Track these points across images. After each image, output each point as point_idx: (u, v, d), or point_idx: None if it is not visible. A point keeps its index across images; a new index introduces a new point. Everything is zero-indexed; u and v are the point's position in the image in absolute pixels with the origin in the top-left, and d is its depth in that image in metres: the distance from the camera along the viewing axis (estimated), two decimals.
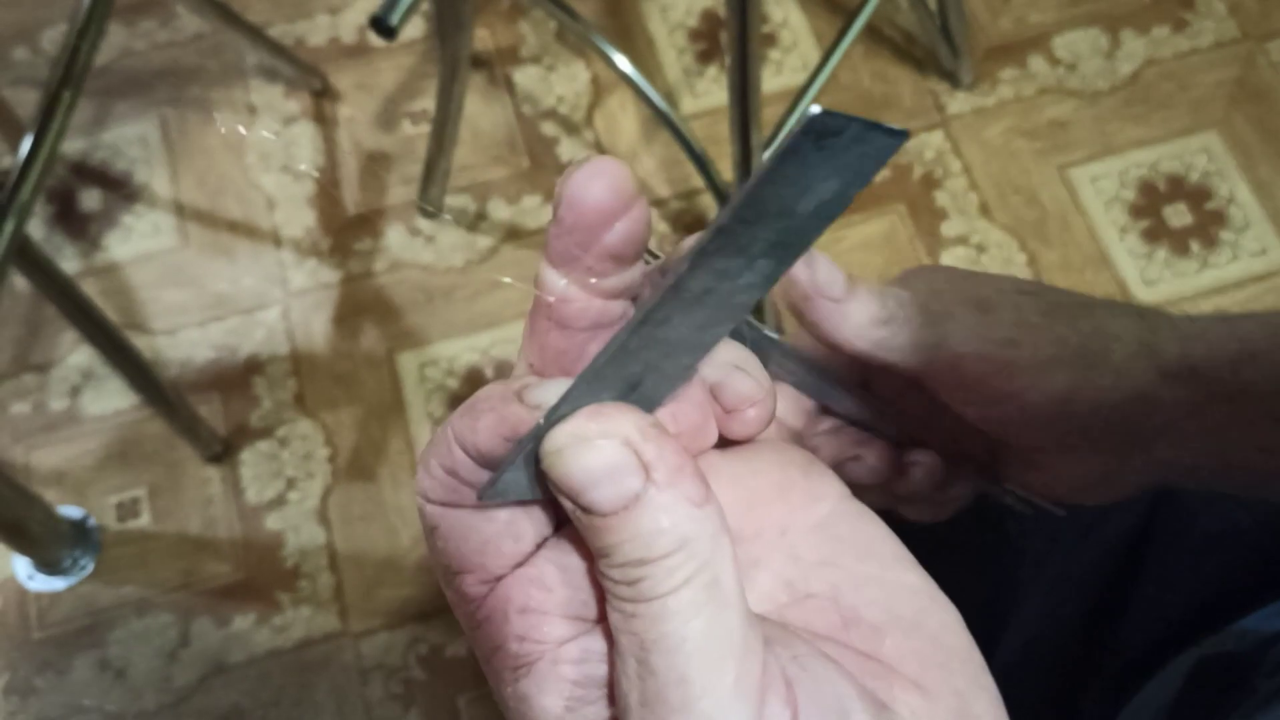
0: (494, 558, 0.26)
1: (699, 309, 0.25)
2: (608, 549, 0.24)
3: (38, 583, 1.16)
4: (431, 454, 0.26)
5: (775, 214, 0.22)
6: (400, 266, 1.31)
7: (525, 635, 0.26)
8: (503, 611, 0.26)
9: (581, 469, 0.24)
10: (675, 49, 1.45)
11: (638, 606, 0.24)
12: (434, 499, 0.26)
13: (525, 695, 0.26)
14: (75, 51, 1.00)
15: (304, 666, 1.14)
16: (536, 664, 0.26)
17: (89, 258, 1.32)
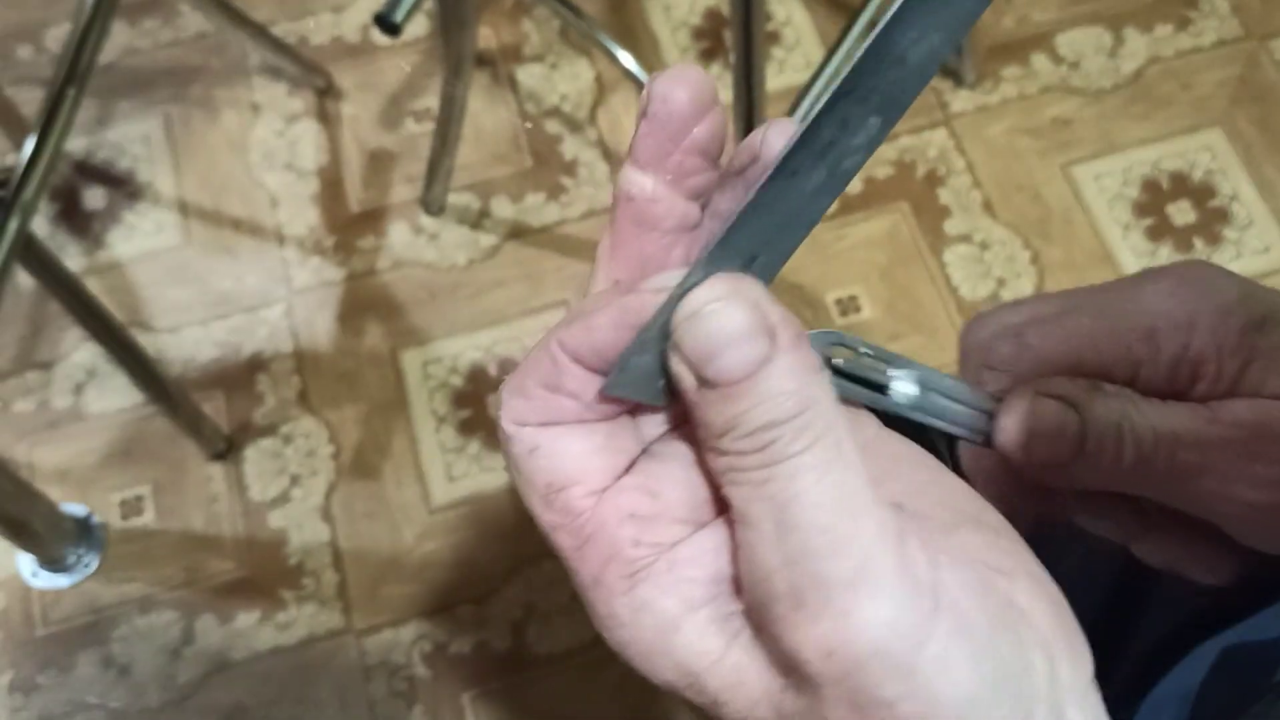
0: (598, 469, 0.27)
1: (819, 166, 0.26)
2: (735, 419, 0.25)
3: (41, 580, 1.16)
4: (527, 376, 0.27)
5: (891, 62, 0.25)
6: (403, 264, 1.31)
7: (639, 539, 0.26)
8: (614, 519, 0.26)
9: (717, 330, 0.25)
10: (679, 47, 1.45)
11: (771, 470, 0.25)
12: (532, 421, 0.27)
13: (644, 601, 0.26)
14: (79, 50, 1.01)
15: (307, 664, 1.14)
16: (653, 566, 0.26)
17: (92, 256, 1.32)
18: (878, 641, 0.24)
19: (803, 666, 0.25)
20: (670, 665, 0.26)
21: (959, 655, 0.25)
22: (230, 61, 1.43)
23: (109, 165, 1.37)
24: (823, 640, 0.24)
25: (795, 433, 0.25)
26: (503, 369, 1.26)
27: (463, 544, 1.18)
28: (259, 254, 1.32)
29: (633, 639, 0.26)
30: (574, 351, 0.27)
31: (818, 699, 0.25)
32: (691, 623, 0.26)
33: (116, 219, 1.34)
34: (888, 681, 0.24)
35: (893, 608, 0.24)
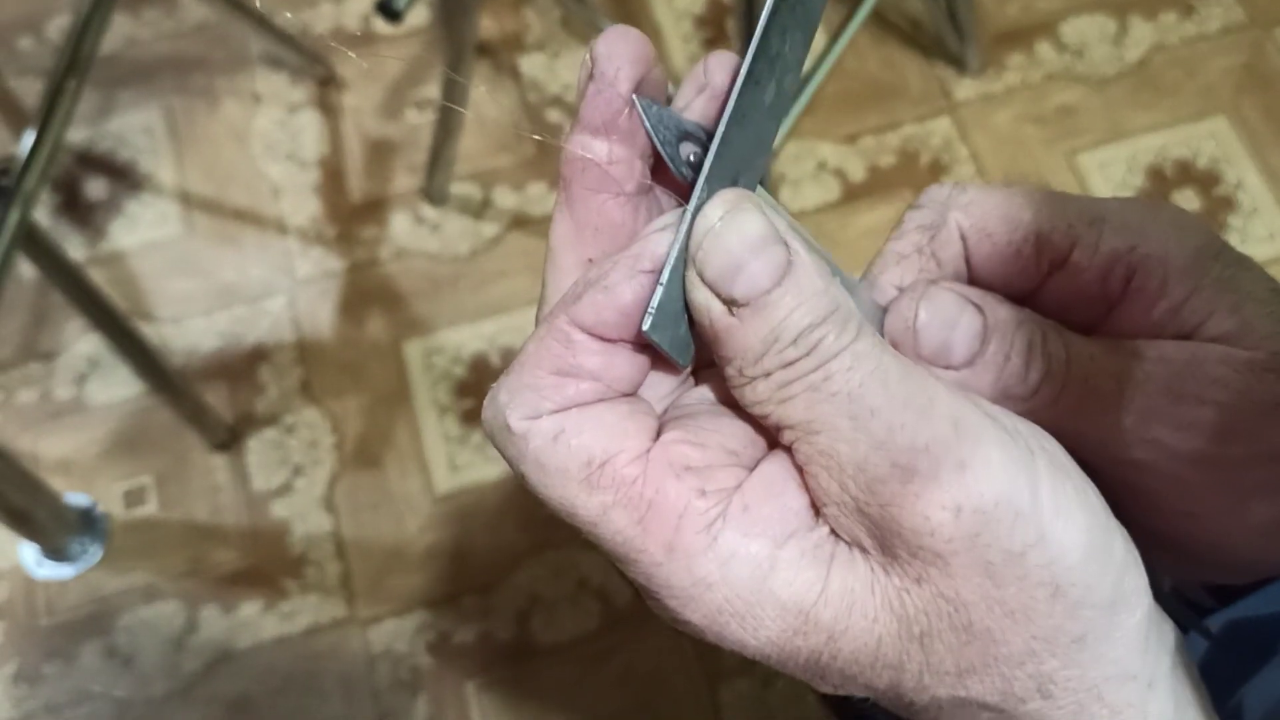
0: (634, 433, 0.26)
1: (771, 79, 0.27)
2: (776, 329, 0.25)
3: (45, 570, 1.17)
4: (534, 366, 0.26)
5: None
6: (406, 255, 1.31)
7: (704, 488, 0.25)
8: (672, 475, 0.25)
9: (739, 240, 0.25)
10: (681, 36, 1.44)
11: (828, 367, 0.25)
12: (549, 408, 0.26)
13: (731, 550, 0.25)
14: (80, 40, 1.00)
15: (311, 653, 1.14)
16: (728, 512, 0.25)
17: (95, 246, 1.32)
18: (1000, 486, 0.24)
19: (930, 539, 0.24)
20: (775, 611, 0.25)
21: (1068, 495, 0.25)
22: (232, 52, 1.43)
23: (111, 156, 1.37)
24: (948, 498, 0.24)
25: (840, 326, 0.25)
26: (505, 359, 1.26)
27: (466, 534, 1.18)
28: (261, 244, 1.32)
29: (728, 599, 0.25)
30: (590, 324, 0.26)
31: (947, 575, 0.24)
32: (785, 558, 0.25)
33: (119, 210, 1.34)
34: (1016, 529, 0.24)
35: (1000, 451, 0.24)
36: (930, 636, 0.25)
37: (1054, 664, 0.25)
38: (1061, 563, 0.25)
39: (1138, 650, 0.26)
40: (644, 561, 0.25)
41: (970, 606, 0.25)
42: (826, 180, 1.35)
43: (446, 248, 1.31)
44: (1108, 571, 0.25)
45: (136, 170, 1.36)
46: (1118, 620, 0.26)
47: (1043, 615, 0.25)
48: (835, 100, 1.39)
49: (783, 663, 0.26)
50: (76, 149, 1.37)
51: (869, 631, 0.25)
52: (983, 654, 0.25)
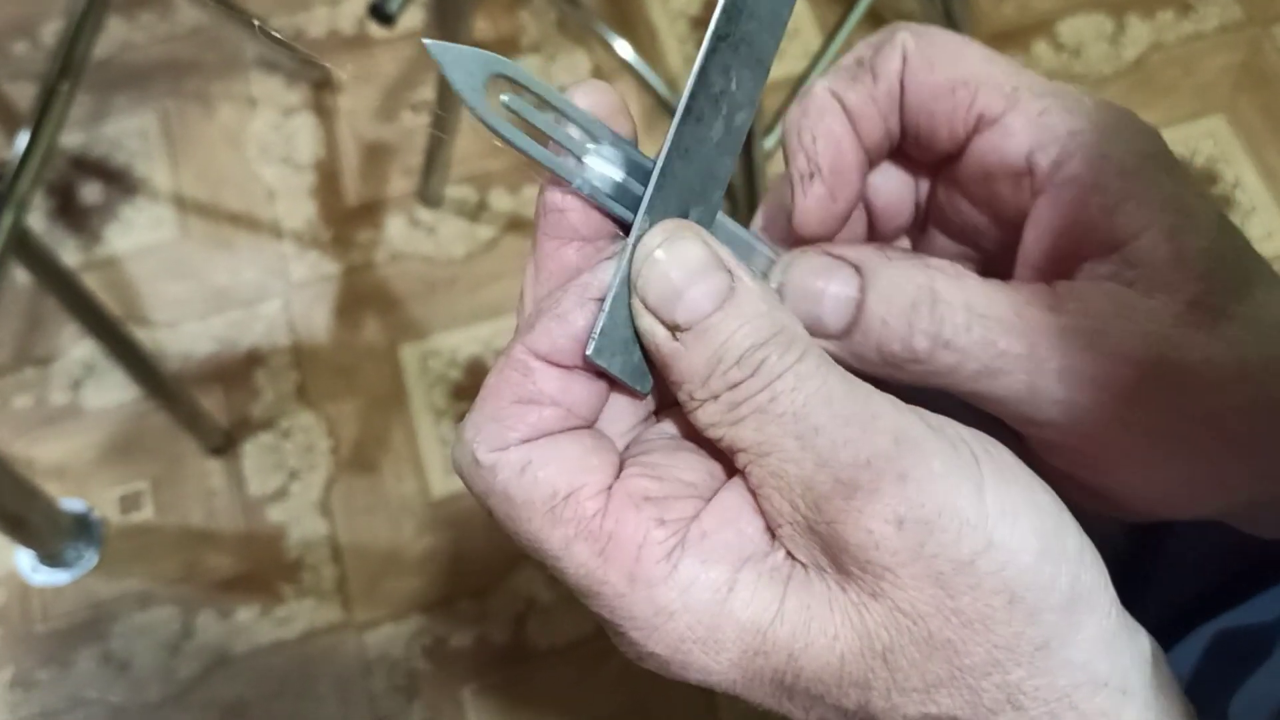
0: (598, 467, 0.26)
1: (717, 116, 0.28)
2: (718, 352, 0.25)
3: (41, 576, 1.16)
4: (495, 398, 0.27)
5: (746, 15, 0.28)
6: (401, 258, 1.31)
7: (663, 518, 0.26)
8: (632, 506, 0.26)
9: (677, 266, 0.26)
10: (677, 38, 1.44)
11: (773, 387, 0.25)
12: (515, 439, 0.26)
13: (690, 577, 0.25)
14: (73, 44, 1.00)
15: (307, 658, 1.13)
16: (686, 539, 0.26)
17: (89, 251, 1.32)
18: (942, 496, 0.24)
19: (875, 552, 0.24)
20: (734, 633, 0.25)
21: (1014, 499, 0.25)
22: (226, 55, 1.43)
23: (105, 160, 1.37)
24: (889, 511, 0.24)
25: (783, 347, 0.25)
26: None
27: (462, 538, 1.18)
28: (256, 248, 1.32)
29: (690, 625, 0.25)
30: (545, 351, 0.27)
31: (899, 589, 0.24)
32: (743, 580, 0.25)
33: (113, 214, 1.34)
34: (963, 538, 0.24)
35: (942, 462, 0.25)
36: (893, 652, 0.25)
37: (1020, 673, 0.25)
38: (1014, 567, 0.24)
39: (1105, 654, 0.26)
40: (607, 594, 0.26)
41: (927, 618, 0.24)
42: None
43: (442, 250, 1.31)
44: (1062, 571, 0.25)
45: (131, 174, 1.36)
46: (1079, 621, 0.25)
47: (1001, 623, 0.25)
48: None
49: (749, 687, 0.26)
50: (71, 153, 1.37)
51: (830, 649, 0.25)
52: (947, 666, 0.25)
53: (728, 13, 0.28)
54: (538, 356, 0.27)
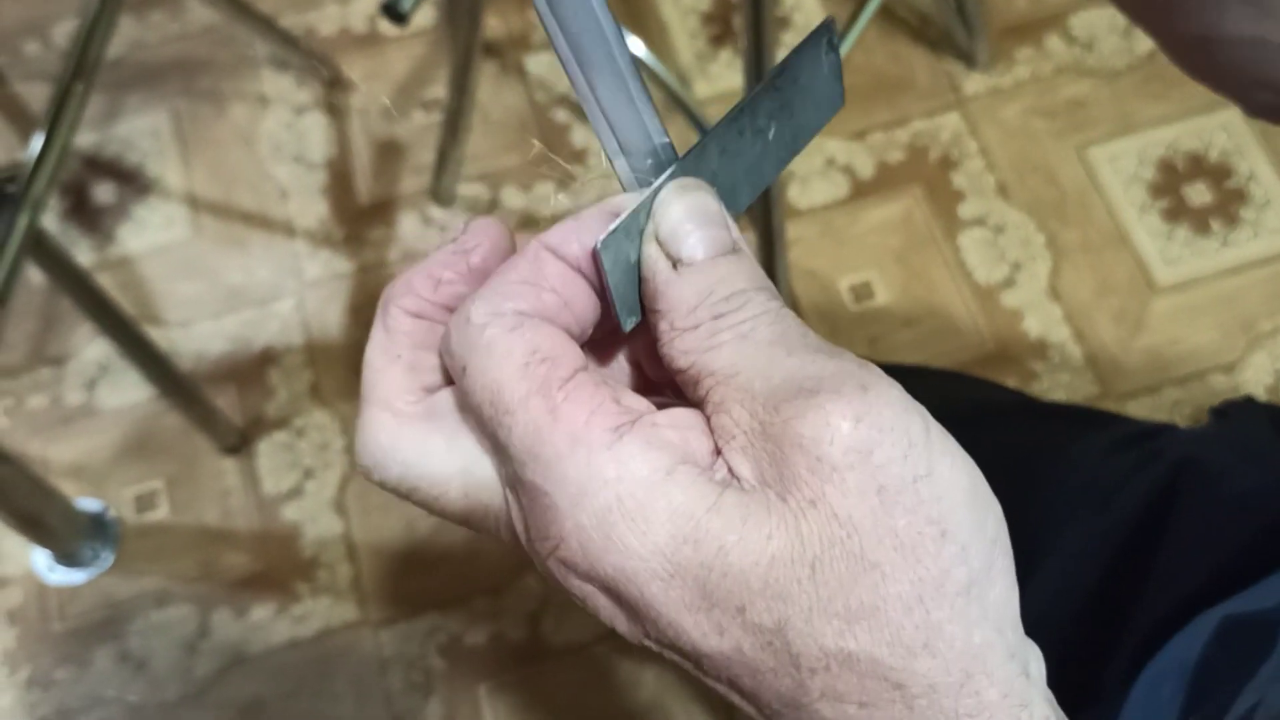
0: (577, 355, 0.28)
1: (755, 144, 0.31)
2: (711, 286, 0.28)
3: (58, 575, 1.17)
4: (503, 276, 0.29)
5: (799, 87, 0.32)
6: (414, 255, 1.31)
7: (620, 399, 0.27)
8: (592, 383, 0.27)
9: (696, 208, 0.29)
10: (688, 33, 1.44)
11: (754, 320, 0.27)
12: (512, 309, 0.28)
13: (631, 452, 0.26)
14: (86, 44, 1.00)
15: (323, 656, 1.14)
16: (636, 424, 0.27)
17: (103, 251, 1.32)
18: (897, 412, 0.25)
19: (828, 447, 0.25)
20: (666, 513, 0.25)
21: (951, 446, 0.26)
22: (238, 54, 1.43)
23: (118, 160, 1.37)
24: (847, 408, 0.25)
25: (768, 296, 0.28)
26: None
27: (477, 535, 1.18)
28: (269, 247, 1.32)
29: (620, 496, 0.25)
30: (557, 244, 0.29)
31: (841, 494, 0.25)
32: (683, 471, 0.26)
33: (126, 214, 1.34)
34: (910, 457, 0.25)
35: (899, 391, 0.26)
36: (822, 563, 0.25)
37: (940, 615, 0.25)
38: (948, 501, 0.25)
39: (1013, 627, 0.26)
40: (545, 454, 0.26)
41: (863, 533, 0.25)
42: (835, 177, 1.34)
43: None
44: (989, 520, 0.26)
45: (144, 174, 1.36)
46: (995, 581, 0.26)
47: (930, 555, 0.25)
48: None
49: (668, 585, 0.25)
50: (84, 153, 1.37)
51: (762, 548, 0.25)
52: (873, 592, 0.25)
53: (784, 74, 0.31)
54: (548, 248, 0.29)
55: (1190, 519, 0.55)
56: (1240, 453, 0.58)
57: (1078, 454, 0.62)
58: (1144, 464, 0.59)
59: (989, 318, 1.27)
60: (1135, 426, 0.65)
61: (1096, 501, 0.58)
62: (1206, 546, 0.54)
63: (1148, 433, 0.63)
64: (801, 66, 0.32)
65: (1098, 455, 0.61)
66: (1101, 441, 0.62)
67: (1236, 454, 0.58)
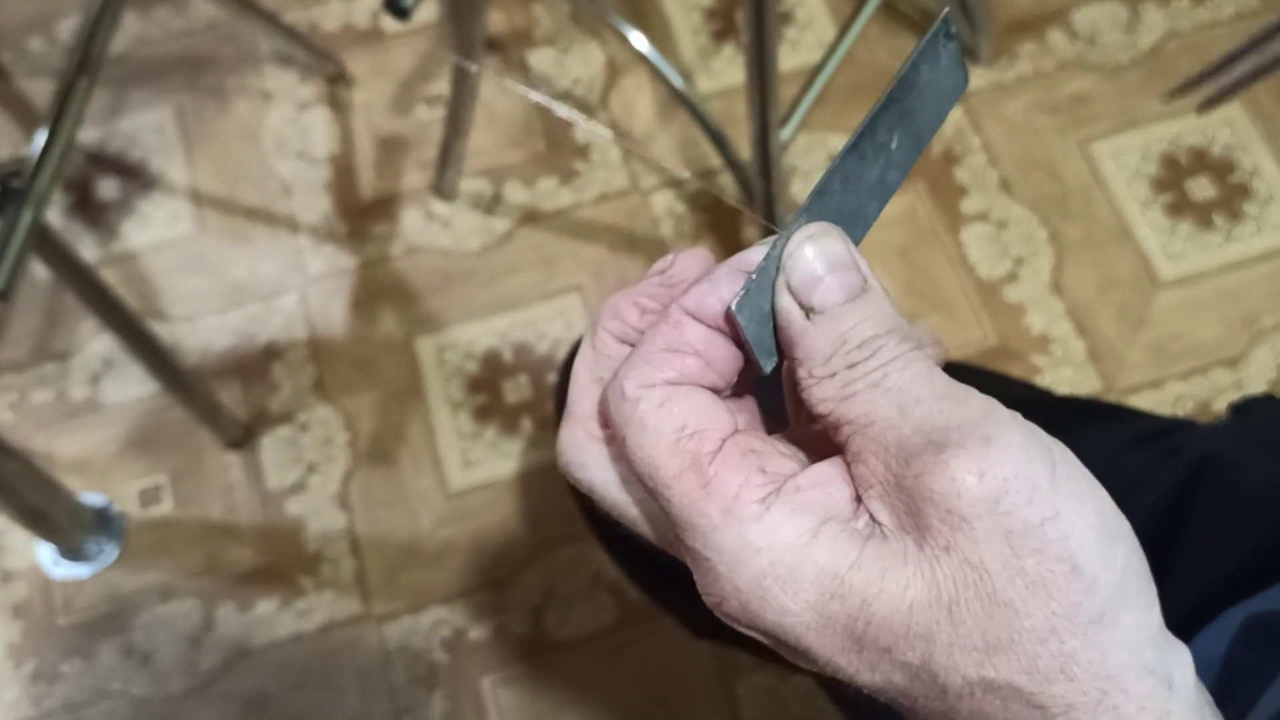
0: (725, 421, 0.30)
1: (876, 163, 0.33)
2: (844, 335, 0.29)
3: (62, 570, 1.17)
4: (649, 345, 0.31)
5: (917, 93, 0.33)
6: (417, 251, 1.31)
7: (765, 468, 0.29)
8: (739, 454, 0.29)
9: (824, 257, 0.30)
10: (690, 29, 1.44)
11: (885, 368, 0.29)
12: (661, 380, 0.30)
13: (779, 520, 0.28)
14: (90, 40, 1.00)
15: (327, 650, 1.14)
16: (782, 490, 0.29)
17: (107, 246, 1.32)
18: (1018, 461, 0.27)
19: (956, 501, 0.27)
20: (813, 574, 0.28)
21: (1080, 484, 0.28)
22: (241, 50, 1.43)
23: (122, 156, 1.38)
24: (973, 464, 0.27)
25: (898, 339, 0.29)
26: (517, 355, 1.26)
27: (481, 529, 1.18)
28: (273, 242, 1.32)
29: (772, 562, 0.28)
30: (694, 308, 0.31)
31: (972, 541, 0.27)
32: (827, 531, 0.28)
33: (131, 209, 1.35)
34: (1034, 501, 0.27)
35: (1022, 436, 0.28)
36: (958, 604, 0.27)
37: (1074, 644, 0.27)
38: (1076, 539, 0.27)
39: (1150, 643, 0.27)
40: (702, 525, 0.29)
41: (994, 574, 0.27)
42: None
43: (458, 243, 1.31)
44: (1119, 552, 0.27)
45: (148, 169, 1.37)
46: (1129, 604, 0.27)
47: (1061, 590, 0.27)
48: (846, 91, 1.38)
49: (822, 634, 0.28)
50: (88, 149, 1.37)
51: (901, 597, 0.27)
52: (1007, 628, 0.27)
53: (902, 84, 0.33)
54: (687, 312, 0.31)
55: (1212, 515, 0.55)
56: (1262, 449, 0.57)
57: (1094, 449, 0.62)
58: (1164, 459, 0.59)
59: (992, 313, 1.27)
60: (1153, 422, 0.64)
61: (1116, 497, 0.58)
62: (1229, 543, 0.54)
63: (1167, 428, 0.63)
64: (921, 69, 0.33)
65: (1115, 450, 0.61)
66: (1118, 436, 0.62)
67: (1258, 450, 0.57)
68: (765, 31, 0.97)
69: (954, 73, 0.34)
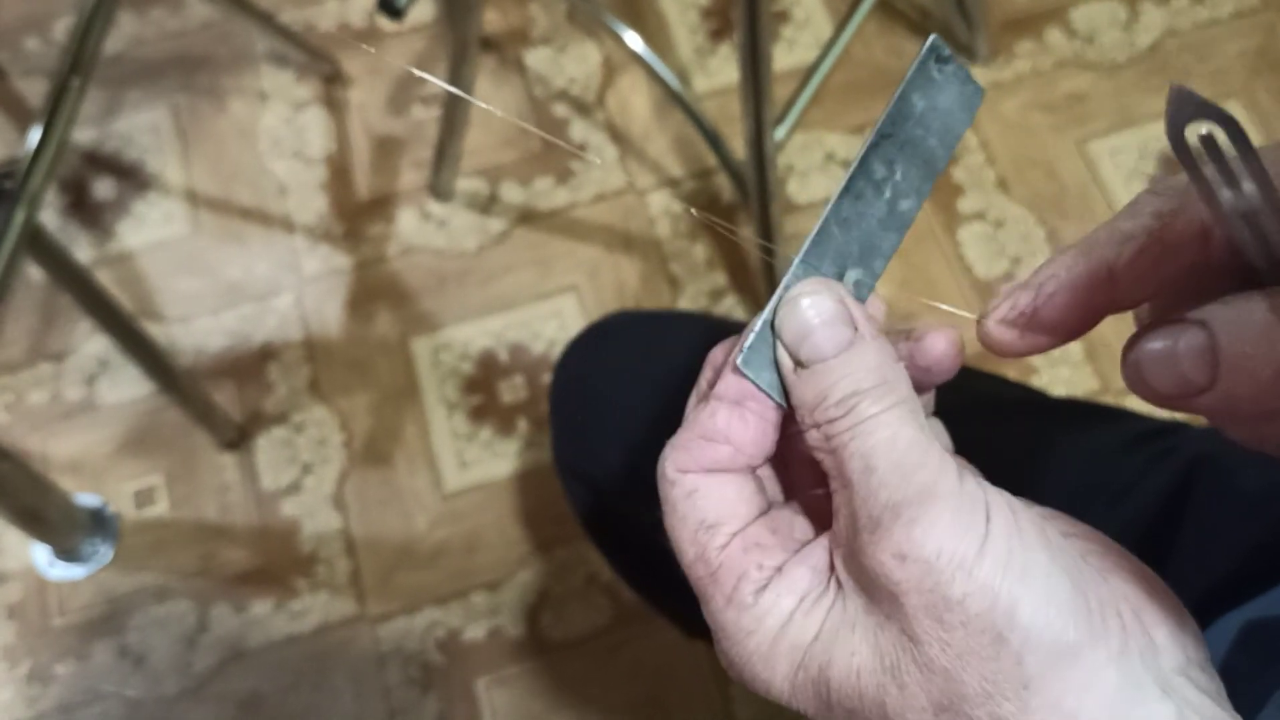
0: (742, 515, 0.33)
1: (879, 199, 0.34)
2: (825, 390, 0.31)
3: (57, 571, 1.17)
4: (689, 429, 0.34)
5: (913, 121, 0.33)
6: (413, 251, 1.31)
7: (762, 563, 0.32)
8: (742, 551, 0.33)
9: (809, 314, 0.32)
10: (687, 28, 1.43)
11: (856, 428, 0.30)
12: (693, 467, 0.33)
13: (767, 606, 0.32)
14: (83, 39, 1.00)
15: (322, 651, 1.14)
16: (774, 578, 0.32)
17: (102, 247, 1.32)
18: (941, 541, 0.28)
19: (885, 580, 0.29)
20: (786, 652, 0.31)
21: (1015, 556, 0.29)
22: (237, 50, 1.43)
23: (117, 156, 1.37)
24: (896, 547, 0.29)
25: (875, 399, 0.31)
26: (512, 355, 1.26)
27: (475, 530, 1.18)
28: (268, 242, 1.32)
29: (759, 643, 0.32)
30: (722, 393, 0.33)
31: (904, 616, 0.29)
32: (802, 609, 0.32)
33: (126, 209, 1.34)
34: (956, 579, 0.28)
35: (952, 515, 0.29)
36: (899, 670, 0.29)
37: (1009, 707, 0.28)
38: (1001, 610, 0.28)
39: (1106, 703, 0.28)
40: (711, 605, 0.33)
41: (926, 645, 0.29)
42: (834, 171, 1.34)
43: (453, 244, 1.31)
44: (1052, 621, 0.28)
45: (143, 170, 1.37)
46: (1069, 671, 0.28)
47: (989, 659, 0.28)
48: (842, 90, 1.38)
49: (797, 699, 0.31)
50: (83, 149, 1.37)
51: (848, 664, 0.30)
52: (947, 691, 0.28)
53: (892, 118, 0.33)
54: (718, 399, 0.33)
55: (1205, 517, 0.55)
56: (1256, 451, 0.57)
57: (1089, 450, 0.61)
58: (1158, 461, 0.58)
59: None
60: (1148, 423, 0.64)
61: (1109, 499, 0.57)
62: (1224, 546, 0.53)
63: (1161, 430, 0.62)
64: (912, 98, 0.34)
65: (1110, 452, 0.60)
66: (1112, 438, 0.62)
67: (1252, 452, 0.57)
68: (760, 31, 0.97)
69: (961, 89, 0.34)
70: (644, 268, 1.29)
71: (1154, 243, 0.32)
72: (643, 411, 0.65)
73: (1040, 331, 0.35)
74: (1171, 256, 0.32)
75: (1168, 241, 0.32)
